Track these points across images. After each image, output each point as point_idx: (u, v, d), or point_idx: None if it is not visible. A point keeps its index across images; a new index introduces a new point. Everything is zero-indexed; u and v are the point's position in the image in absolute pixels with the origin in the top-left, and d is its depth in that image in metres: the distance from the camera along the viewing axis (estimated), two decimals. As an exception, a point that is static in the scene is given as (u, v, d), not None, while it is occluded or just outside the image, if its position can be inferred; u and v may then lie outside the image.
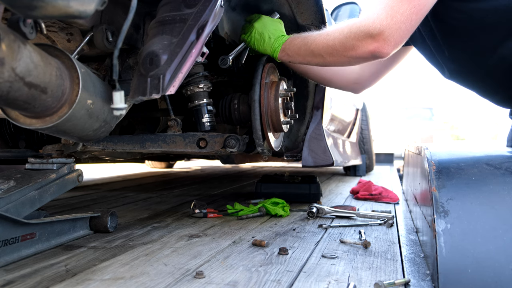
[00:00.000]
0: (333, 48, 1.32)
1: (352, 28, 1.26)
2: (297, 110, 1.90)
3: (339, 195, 2.49)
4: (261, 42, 1.51)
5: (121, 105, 1.00)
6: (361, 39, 1.24)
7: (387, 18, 1.19)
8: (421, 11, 1.20)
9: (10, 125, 1.93)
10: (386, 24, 1.19)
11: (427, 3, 1.20)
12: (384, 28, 1.19)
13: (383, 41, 1.21)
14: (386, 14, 1.19)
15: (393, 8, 1.18)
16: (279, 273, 1.02)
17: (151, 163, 4.66)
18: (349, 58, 1.32)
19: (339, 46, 1.30)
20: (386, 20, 1.19)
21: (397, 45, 1.23)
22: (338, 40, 1.30)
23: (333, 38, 1.32)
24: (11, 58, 0.79)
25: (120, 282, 0.95)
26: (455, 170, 1.04)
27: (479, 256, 0.88)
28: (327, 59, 1.37)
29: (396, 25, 1.19)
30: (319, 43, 1.36)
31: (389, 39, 1.20)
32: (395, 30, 1.19)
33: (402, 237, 1.43)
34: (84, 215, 1.39)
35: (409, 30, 1.21)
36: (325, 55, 1.36)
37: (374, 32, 1.21)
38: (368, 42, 1.23)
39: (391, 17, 1.18)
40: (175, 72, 1.09)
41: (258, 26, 1.52)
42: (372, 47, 1.23)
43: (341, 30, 1.30)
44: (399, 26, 1.19)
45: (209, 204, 2.07)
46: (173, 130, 1.56)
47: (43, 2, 0.67)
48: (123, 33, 0.94)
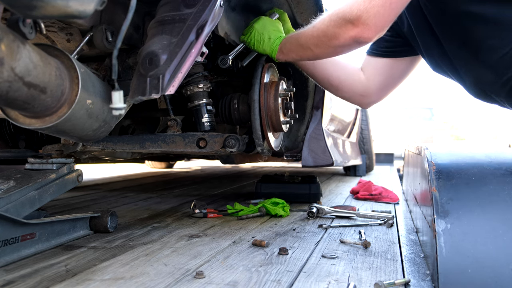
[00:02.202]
0: (318, 39, 1.33)
1: (332, 17, 1.27)
2: (297, 110, 1.90)
3: (339, 195, 2.49)
4: (261, 42, 1.52)
5: (120, 105, 1.00)
6: (341, 26, 1.24)
7: (364, 2, 1.18)
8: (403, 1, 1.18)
9: (10, 125, 1.93)
10: (363, 8, 1.18)
11: None
12: (361, 13, 1.18)
13: (363, 25, 1.20)
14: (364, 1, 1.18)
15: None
16: (279, 273, 1.02)
17: (151, 163, 4.66)
18: (334, 47, 1.32)
19: (322, 36, 1.31)
20: (364, 4, 1.18)
21: (378, 29, 1.21)
22: (321, 30, 1.31)
23: (317, 29, 1.33)
24: (10, 58, 0.79)
25: (120, 282, 0.95)
26: (455, 170, 1.04)
27: (479, 256, 0.88)
28: (315, 51, 1.38)
29: (374, 9, 1.17)
30: (306, 35, 1.38)
31: (368, 24, 1.19)
32: (373, 14, 1.18)
33: (402, 237, 1.43)
34: (84, 215, 1.39)
35: (389, 14, 1.19)
36: (312, 47, 1.37)
37: (352, 17, 1.20)
38: (348, 28, 1.22)
39: (368, 1, 1.17)
40: (175, 72, 1.08)
41: (258, 27, 1.53)
42: (353, 33, 1.22)
43: (323, 20, 1.31)
44: (377, 10, 1.17)
45: (209, 204, 2.07)
46: (173, 130, 1.56)
47: (43, 2, 0.67)
48: (122, 33, 0.94)
